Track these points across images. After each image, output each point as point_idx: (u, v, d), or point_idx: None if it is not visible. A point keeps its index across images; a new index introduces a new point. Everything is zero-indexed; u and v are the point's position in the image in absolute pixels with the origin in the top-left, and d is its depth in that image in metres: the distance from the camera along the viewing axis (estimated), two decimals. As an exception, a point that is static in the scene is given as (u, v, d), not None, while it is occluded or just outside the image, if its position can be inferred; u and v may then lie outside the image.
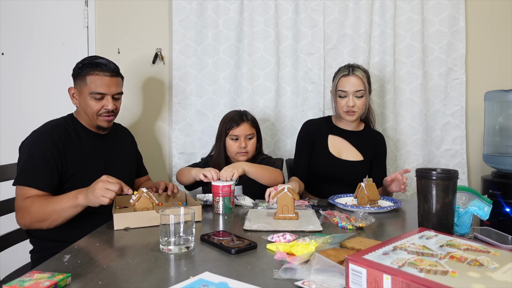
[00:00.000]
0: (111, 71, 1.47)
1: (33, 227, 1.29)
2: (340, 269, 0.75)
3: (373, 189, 1.42)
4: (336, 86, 1.75)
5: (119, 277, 0.79)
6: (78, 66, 1.47)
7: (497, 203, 1.93)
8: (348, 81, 1.72)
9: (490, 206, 1.04)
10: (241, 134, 1.69)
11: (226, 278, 0.77)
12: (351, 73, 1.72)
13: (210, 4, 2.14)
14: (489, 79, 2.27)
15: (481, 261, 0.64)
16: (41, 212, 1.24)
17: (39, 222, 1.26)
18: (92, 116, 1.47)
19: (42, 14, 2.16)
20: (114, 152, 1.58)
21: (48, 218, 1.24)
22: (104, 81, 1.45)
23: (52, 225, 1.26)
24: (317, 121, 1.90)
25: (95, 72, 1.44)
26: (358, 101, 1.72)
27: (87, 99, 1.45)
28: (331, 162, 1.77)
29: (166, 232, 0.95)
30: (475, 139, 2.30)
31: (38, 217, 1.25)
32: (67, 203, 1.22)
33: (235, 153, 1.70)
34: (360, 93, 1.72)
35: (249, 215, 1.29)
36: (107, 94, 1.46)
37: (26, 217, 1.27)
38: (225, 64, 2.16)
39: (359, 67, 1.77)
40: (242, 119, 1.72)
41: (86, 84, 1.44)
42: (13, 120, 2.16)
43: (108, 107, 1.46)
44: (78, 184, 1.36)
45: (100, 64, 1.46)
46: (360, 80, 1.71)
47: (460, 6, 2.21)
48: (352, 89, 1.71)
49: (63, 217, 1.24)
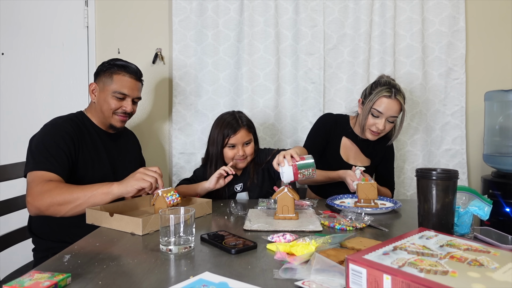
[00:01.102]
0: (137, 75, 1.55)
1: (48, 212, 1.23)
2: (340, 269, 0.75)
3: (368, 188, 1.42)
4: (374, 103, 1.65)
5: (119, 277, 0.79)
6: (106, 64, 1.52)
7: (497, 203, 1.93)
8: (388, 104, 1.63)
9: (490, 206, 1.04)
10: (238, 142, 1.61)
11: (226, 278, 0.77)
12: (393, 96, 1.62)
13: (210, 4, 2.14)
14: (489, 79, 2.27)
15: (481, 261, 0.64)
16: (66, 195, 1.21)
17: (59, 206, 1.21)
18: (108, 114, 1.50)
19: (42, 14, 2.16)
20: (120, 153, 1.60)
21: (73, 202, 1.21)
22: (130, 83, 1.52)
23: (72, 211, 1.22)
24: (336, 118, 1.86)
25: (122, 72, 1.50)
26: (388, 125, 1.68)
27: (108, 97, 1.49)
28: (339, 165, 1.76)
29: (166, 232, 0.95)
30: (475, 139, 2.30)
31: (61, 199, 1.21)
32: (99, 189, 1.22)
33: (232, 159, 1.64)
34: (393, 119, 1.67)
35: (249, 215, 1.29)
36: (129, 96, 1.52)
37: (45, 199, 1.22)
38: (225, 64, 2.16)
39: (400, 90, 1.67)
40: (238, 125, 1.61)
41: (112, 82, 1.49)
42: (13, 120, 2.16)
43: (126, 108, 1.52)
44: (84, 179, 1.37)
45: (129, 66, 1.54)
46: (399, 107, 1.64)
47: (460, 6, 2.21)
48: (389, 113, 1.64)
49: (90, 202, 1.22)
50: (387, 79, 1.70)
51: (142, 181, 1.21)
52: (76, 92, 2.14)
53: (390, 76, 1.78)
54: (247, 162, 1.67)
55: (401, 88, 1.69)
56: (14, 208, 1.50)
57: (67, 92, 2.16)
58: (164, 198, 1.24)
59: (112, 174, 1.50)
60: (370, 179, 1.51)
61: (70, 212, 1.23)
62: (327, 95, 2.21)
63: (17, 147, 1.44)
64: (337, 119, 1.86)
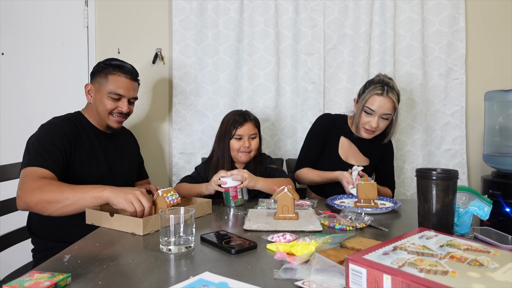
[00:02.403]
0: (133, 75, 1.53)
1: (36, 208, 1.20)
2: (340, 269, 0.75)
3: (368, 188, 1.42)
4: (366, 101, 1.66)
5: (119, 277, 0.79)
6: (101, 64, 1.51)
7: (497, 203, 1.93)
8: (380, 102, 1.63)
9: (490, 206, 1.04)
10: (245, 133, 1.66)
11: (226, 278, 0.77)
12: (385, 93, 1.62)
13: (210, 4, 2.14)
14: (489, 79, 2.28)
15: (481, 261, 0.64)
16: (57, 193, 1.18)
17: (48, 204, 1.18)
18: (104, 115, 1.49)
19: (42, 14, 2.16)
20: (118, 153, 1.59)
21: (62, 201, 1.18)
22: (125, 83, 1.49)
23: (59, 211, 1.19)
24: (333, 118, 1.86)
25: (117, 72, 1.48)
26: (382, 123, 1.68)
27: (104, 98, 1.48)
28: (337, 165, 1.76)
29: (166, 232, 0.95)
30: (475, 139, 2.30)
31: (50, 197, 1.18)
32: (90, 192, 1.17)
33: (237, 151, 1.66)
34: (387, 116, 1.66)
35: (249, 215, 1.29)
36: (124, 97, 1.50)
37: (36, 195, 1.19)
38: (225, 64, 2.16)
39: (394, 88, 1.66)
40: (245, 118, 1.68)
41: (107, 83, 1.47)
42: (13, 120, 2.16)
43: (122, 109, 1.50)
44: (81, 179, 1.36)
45: (124, 66, 1.51)
46: (392, 104, 1.64)
47: (460, 6, 2.21)
48: (381, 110, 1.64)
49: (78, 205, 1.18)
50: (381, 78, 1.71)
51: (129, 204, 1.14)
52: (76, 92, 2.14)
53: (387, 75, 1.78)
54: (250, 157, 1.70)
55: (396, 86, 1.68)
56: (14, 208, 1.49)
57: (67, 92, 2.16)
58: (164, 198, 1.24)
59: (109, 174, 1.50)
60: (369, 179, 1.51)
61: (58, 212, 1.19)
62: (327, 95, 2.21)
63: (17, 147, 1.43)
64: (335, 119, 1.87)
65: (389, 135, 1.79)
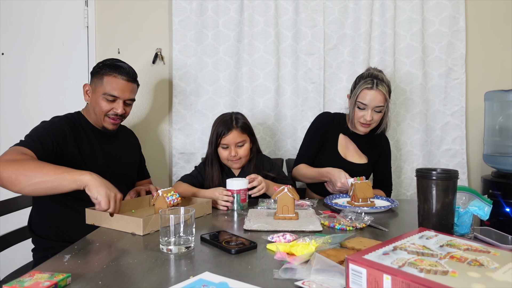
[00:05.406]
0: (129, 76, 1.50)
1: (9, 179, 1.11)
2: (340, 269, 0.75)
3: (364, 187, 1.42)
4: (357, 96, 1.69)
5: (119, 277, 0.79)
6: (99, 64, 1.50)
7: (497, 203, 1.93)
8: (370, 95, 1.66)
9: (490, 206, 1.04)
10: (230, 142, 1.62)
11: (226, 278, 0.77)
12: (375, 87, 1.65)
13: (210, 4, 2.14)
14: (489, 79, 2.28)
15: (481, 261, 0.64)
16: (36, 167, 1.12)
17: (22, 176, 1.10)
18: (99, 116, 1.49)
19: (42, 14, 2.16)
20: (118, 152, 1.59)
21: (39, 176, 1.10)
22: (120, 84, 1.47)
23: (31, 187, 1.10)
24: (332, 116, 1.88)
25: (113, 74, 1.46)
26: (376, 115, 1.70)
27: (99, 99, 1.47)
28: (337, 162, 1.77)
29: (166, 232, 0.95)
30: (475, 139, 2.30)
31: (28, 170, 1.11)
32: (73, 173, 1.12)
33: (227, 160, 1.65)
34: (380, 108, 1.69)
35: (249, 215, 1.29)
36: (119, 98, 1.48)
37: (13, 165, 1.12)
38: (225, 64, 2.16)
39: (383, 80, 1.69)
40: (229, 127, 1.61)
41: (102, 84, 1.46)
42: (13, 120, 2.16)
43: (117, 110, 1.48)
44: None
45: (120, 67, 1.49)
46: (383, 96, 1.66)
47: (460, 6, 2.21)
48: (373, 104, 1.67)
49: (55, 183, 1.11)
50: (371, 71, 1.73)
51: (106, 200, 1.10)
52: (76, 92, 2.13)
53: (376, 67, 1.80)
54: (242, 163, 1.67)
55: (385, 78, 1.71)
56: (14, 208, 1.50)
57: (67, 92, 2.16)
58: (164, 198, 1.24)
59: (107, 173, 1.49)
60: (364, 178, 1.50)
61: (29, 188, 1.11)
62: (327, 95, 2.21)
63: (17, 147, 1.43)
64: (334, 117, 1.88)
65: (382, 126, 1.81)
